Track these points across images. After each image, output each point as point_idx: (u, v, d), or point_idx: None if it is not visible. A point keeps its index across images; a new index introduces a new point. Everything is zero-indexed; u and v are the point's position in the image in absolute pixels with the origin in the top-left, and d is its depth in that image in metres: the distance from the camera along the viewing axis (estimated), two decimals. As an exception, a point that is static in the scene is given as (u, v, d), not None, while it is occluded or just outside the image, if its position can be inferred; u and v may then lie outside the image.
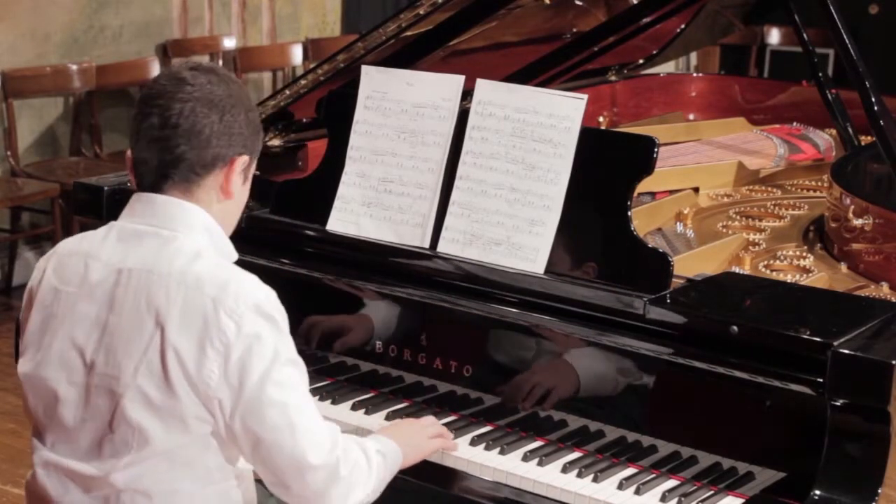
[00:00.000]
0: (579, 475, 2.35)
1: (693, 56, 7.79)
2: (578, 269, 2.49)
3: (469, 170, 2.61)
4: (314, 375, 2.17)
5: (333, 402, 2.63)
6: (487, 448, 2.44)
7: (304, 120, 3.31)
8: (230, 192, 2.15)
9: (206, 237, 2.13)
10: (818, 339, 2.18)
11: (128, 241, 2.11)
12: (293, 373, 2.08)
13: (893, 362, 2.10)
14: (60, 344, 2.11)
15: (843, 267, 2.93)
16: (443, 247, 2.61)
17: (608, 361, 2.42)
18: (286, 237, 2.79)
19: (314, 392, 2.53)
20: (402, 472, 2.31)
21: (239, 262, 2.16)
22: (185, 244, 2.09)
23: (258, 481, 2.21)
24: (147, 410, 2.02)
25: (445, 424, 2.49)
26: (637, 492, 2.30)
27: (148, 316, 2.03)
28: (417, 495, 2.44)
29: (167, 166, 2.10)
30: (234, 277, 2.07)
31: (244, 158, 2.15)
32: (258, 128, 2.21)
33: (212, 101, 2.09)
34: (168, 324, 2.01)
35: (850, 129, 3.78)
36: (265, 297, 2.06)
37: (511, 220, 2.54)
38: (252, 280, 2.08)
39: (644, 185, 2.73)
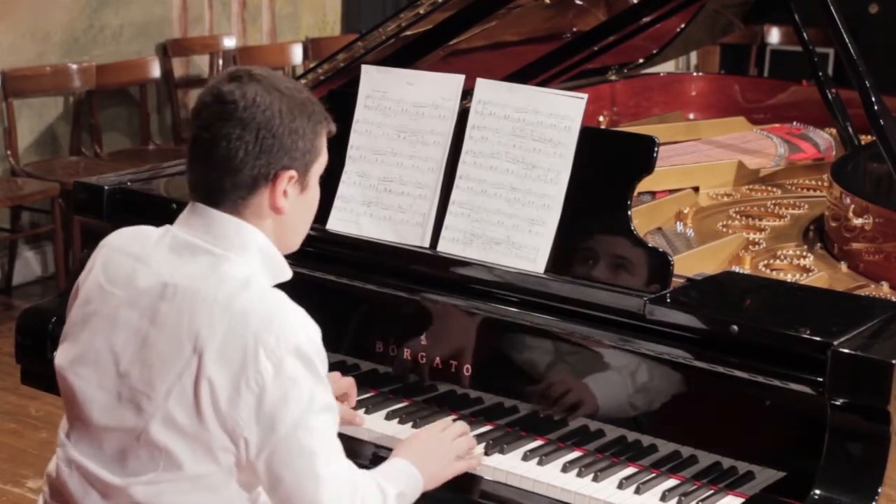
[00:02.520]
0: (579, 474, 2.34)
1: (693, 55, 7.79)
2: (578, 268, 2.48)
3: (469, 169, 2.61)
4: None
5: (333, 402, 2.63)
6: (487, 447, 2.44)
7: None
8: (279, 208, 2.10)
9: (259, 259, 2.09)
10: (818, 339, 2.18)
11: (180, 252, 2.07)
12: (326, 419, 2.04)
13: (893, 362, 2.09)
14: (99, 345, 2.09)
15: (843, 266, 2.93)
16: (443, 246, 2.61)
17: (608, 361, 2.42)
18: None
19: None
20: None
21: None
22: (235, 268, 2.05)
23: None
24: (175, 435, 2.00)
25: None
26: (637, 491, 2.30)
27: (188, 339, 1.99)
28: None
29: (211, 192, 2.08)
30: (279, 313, 2.02)
31: (290, 172, 2.09)
32: (313, 131, 2.12)
33: (245, 119, 2.04)
34: (206, 352, 1.98)
35: (850, 129, 3.78)
36: (307, 339, 2.02)
37: (511, 219, 2.54)
38: (297, 317, 2.04)
39: (644, 185, 2.73)
